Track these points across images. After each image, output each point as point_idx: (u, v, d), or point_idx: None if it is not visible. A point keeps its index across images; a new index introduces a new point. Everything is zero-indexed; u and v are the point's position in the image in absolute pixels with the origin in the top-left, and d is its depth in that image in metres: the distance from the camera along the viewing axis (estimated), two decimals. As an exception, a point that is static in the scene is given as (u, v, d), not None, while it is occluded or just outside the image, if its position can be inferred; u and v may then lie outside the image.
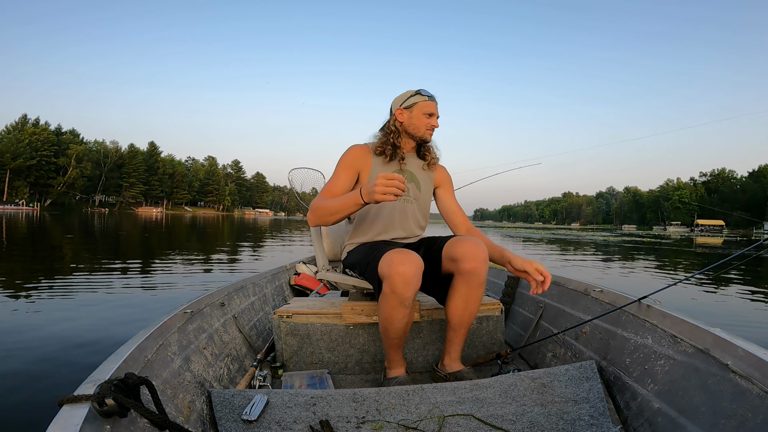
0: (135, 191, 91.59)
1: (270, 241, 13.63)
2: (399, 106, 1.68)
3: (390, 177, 1.26)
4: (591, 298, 1.67)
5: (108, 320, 3.21)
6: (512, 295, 2.30)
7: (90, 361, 2.29)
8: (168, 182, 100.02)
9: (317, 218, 1.52)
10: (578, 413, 1.15)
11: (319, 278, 1.84)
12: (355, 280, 1.69)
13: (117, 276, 5.26)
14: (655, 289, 1.40)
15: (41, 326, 2.96)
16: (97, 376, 0.84)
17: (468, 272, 1.44)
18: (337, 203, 1.44)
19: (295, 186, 3.10)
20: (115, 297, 4.11)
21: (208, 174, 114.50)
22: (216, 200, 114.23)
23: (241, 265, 7.26)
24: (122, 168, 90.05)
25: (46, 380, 2.05)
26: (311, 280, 2.97)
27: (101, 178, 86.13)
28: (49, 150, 73.81)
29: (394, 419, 1.13)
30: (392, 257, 1.34)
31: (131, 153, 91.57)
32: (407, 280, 1.32)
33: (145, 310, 3.61)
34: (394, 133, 1.68)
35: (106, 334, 2.83)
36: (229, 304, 1.82)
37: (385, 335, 1.48)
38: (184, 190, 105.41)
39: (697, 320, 1.14)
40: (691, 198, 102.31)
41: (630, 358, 1.29)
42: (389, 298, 1.36)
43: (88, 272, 5.48)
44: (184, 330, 1.35)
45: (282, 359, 1.72)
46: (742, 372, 0.91)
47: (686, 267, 9.24)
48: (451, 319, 1.53)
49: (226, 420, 1.10)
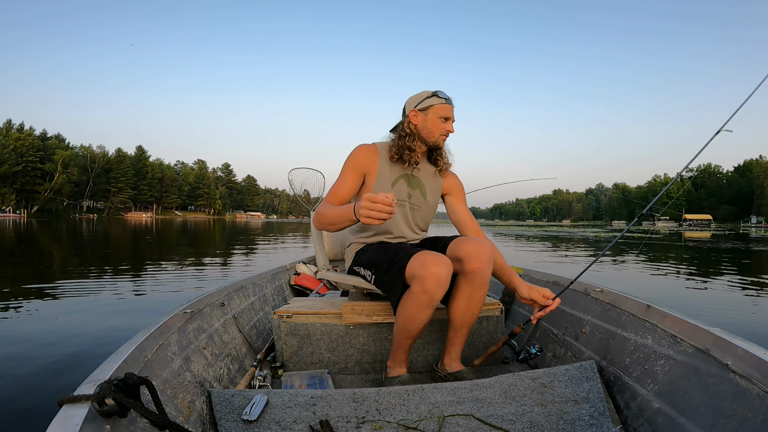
0: (123, 196, 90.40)
1: (263, 245, 13.56)
2: (414, 107, 1.58)
3: (374, 200, 1.18)
4: (591, 297, 1.67)
5: (107, 320, 3.22)
6: (512, 295, 2.30)
7: (90, 361, 2.29)
8: (157, 187, 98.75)
9: (320, 225, 1.51)
10: (578, 413, 1.15)
11: (320, 278, 1.82)
12: (356, 279, 1.68)
13: (111, 279, 5.19)
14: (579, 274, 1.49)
15: (41, 326, 2.96)
16: (96, 376, 0.83)
17: (472, 272, 1.43)
18: (334, 214, 1.41)
19: (295, 186, 3.10)
20: (116, 297, 4.11)
21: (198, 178, 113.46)
22: (207, 204, 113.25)
23: (237, 268, 7.21)
24: (110, 173, 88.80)
25: (46, 380, 2.05)
26: (311, 280, 2.97)
27: (89, 183, 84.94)
28: (34, 155, 72.62)
29: (394, 419, 1.14)
30: (426, 258, 1.34)
31: (119, 157, 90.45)
32: (441, 282, 1.33)
33: (144, 311, 3.62)
34: (410, 136, 1.59)
35: (106, 334, 2.85)
36: (229, 304, 1.82)
37: (401, 335, 1.47)
38: (174, 195, 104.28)
39: (697, 320, 1.14)
40: (679, 193, 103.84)
41: (630, 358, 1.28)
42: (419, 298, 1.35)
43: (84, 276, 5.42)
44: (184, 330, 1.34)
45: (282, 359, 1.72)
46: (742, 372, 0.91)
47: (678, 262, 9.35)
48: (453, 318, 1.52)
49: (226, 420, 1.10)
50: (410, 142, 1.58)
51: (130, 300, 4.10)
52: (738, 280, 6.15)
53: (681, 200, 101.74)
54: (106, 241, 13.63)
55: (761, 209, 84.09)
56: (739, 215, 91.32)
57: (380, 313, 1.73)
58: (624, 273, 7.05)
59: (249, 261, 8.48)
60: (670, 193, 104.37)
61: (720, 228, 53.99)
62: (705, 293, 5.09)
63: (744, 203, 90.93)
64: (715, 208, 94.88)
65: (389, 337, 1.74)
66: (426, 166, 1.70)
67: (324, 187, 3.77)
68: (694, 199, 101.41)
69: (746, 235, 25.80)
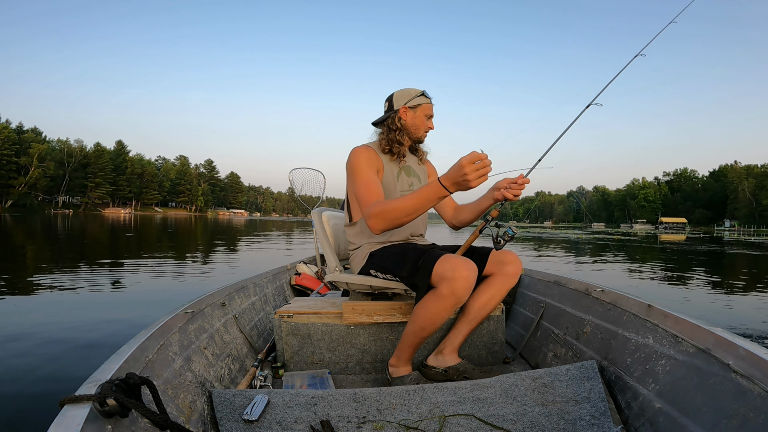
0: (101, 192, 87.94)
1: (249, 244, 13.39)
2: (404, 104, 1.67)
3: (473, 159, 1.21)
4: (592, 297, 1.66)
5: (106, 320, 3.22)
6: (513, 295, 2.30)
7: (91, 361, 2.30)
8: (137, 182, 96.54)
9: (389, 221, 1.42)
10: (579, 413, 1.15)
11: (330, 280, 1.77)
12: (373, 280, 1.66)
13: (88, 276, 5.07)
14: None
15: (41, 326, 2.95)
16: (98, 376, 0.83)
17: (510, 275, 1.59)
18: (413, 201, 1.36)
19: (295, 186, 3.07)
20: (114, 297, 4.08)
21: (180, 174, 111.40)
22: (188, 201, 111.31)
23: (219, 270, 7.11)
24: (87, 168, 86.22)
25: (47, 380, 2.06)
26: (312, 280, 2.96)
27: (65, 178, 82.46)
28: (9, 149, 70.05)
29: (394, 419, 1.13)
30: (455, 262, 1.39)
31: (97, 152, 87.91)
32: (470, 284, 1.39)
33: (143, 312, 3.61)
34: (399, 130, 1.68)
35: (105, 334, 2.85)
36: (229, 304, 1.81)
37: (417, 334, 1.49)
38: (154, 191, 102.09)
39: (698, 320, 1.14)
40: (656, 197, 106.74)
41: (631, 358, 1.28)
42: (446, 299, 1.38)
43: (80, 273, 5.32)
44: (185, 330, 1.33)
45: (283, 359, 1.71)
46: (743, 372, 0.90)
47: (654, 264, 9.60)
48: (470, 310, 1.61)
49: (227, 420, 1.09)
50: (399, 136, 1.68)
51: (133, 298, 4.06)
52: (713, 279, 6.34)
53: (658, 203, 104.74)
54: (82, 238, 13.27)
55: (734, 213, 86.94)
56: (713, 219, 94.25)
57: (381, 313, 1.72)
58: (607, 273, 7.20)
59: (233, 261, 8.38)
60: (647, 197, 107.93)
61: (695, 231, 55.71)
62: (682, 292, 5.25)
63: (718, 207, 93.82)
64: (690, 212, 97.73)
65: (390, 337, 1.74)
66: (409, 156, 1.81)
67: (324, 187, 3.75)
68: (670, 203, 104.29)
69: (720, 238, 26.69)
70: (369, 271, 1.67)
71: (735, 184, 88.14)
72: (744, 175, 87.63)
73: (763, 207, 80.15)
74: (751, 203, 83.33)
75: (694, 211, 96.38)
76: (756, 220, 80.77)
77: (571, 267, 8.14)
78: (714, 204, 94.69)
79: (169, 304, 2.19)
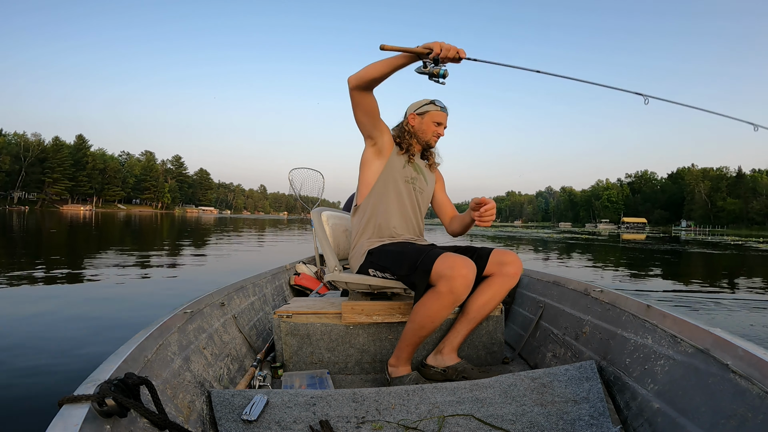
0: (59, 187, 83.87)
1: (220, 244, 13.07)
2: (413, 111, 1.82)
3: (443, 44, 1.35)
4: (591, 298, 1.66)
5: (105, 320, 3.17)
6: (512, 295, 2.31)
7: (90, 361, 2.28)
8: (98, 178, 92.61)
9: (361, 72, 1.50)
10: (578, 413, 1.15)
11: (331, 280, 1.75)
12: (372, 279, 1.66)
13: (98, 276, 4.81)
14: None
15: (41, 326, 2.94)
16: (97, 376, 0.82)
17: (510, 276, 1.61)
18: (383, 62, 1.44)
19: (295, 185, 3.02)
20: (114, 297, 3.98)
21: (145, 169, 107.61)
22: (154, 197, 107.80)
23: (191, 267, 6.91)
24: (45, 162, 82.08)
25: (46, 380, 2.06)
26: (311, 280, 2.94)
27: (21, 173, 78.23)
28: (-42, 141, 66.02)
29: (394, 419, 1.13)
30: (454, 260, 1.41)
31: (56, 146, 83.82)
32: (468, 283, 1.41)
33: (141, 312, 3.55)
34: (408, 133, 1.81)
35: (105, 334, 2.83)
36: (229, 304, 1.79)
37: (415, 333, 1.50)
38: (117, 187, 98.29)
39: (697, 320, 1.14)
40: (618, 197, 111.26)
41: (630, 358, 1.28)
42: (444, 297, 1.41)
43: (79, 270, 5.05)
44: (184, 330, 1.31)
45: (282, 359, 1.70)
46: (742, 372, 0.90)
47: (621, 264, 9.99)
48: (470, 310, 1.62)
49: (226, 420, 1.08)
50: (408, 138, 1.81)
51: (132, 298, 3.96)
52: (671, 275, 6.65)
53: (620, 204, 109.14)
54: (39, 236, 12.62)
55: (691, 214, 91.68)
56: (671, 219, 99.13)
57: (380, 313, 1.72)
58: (600, 273, 7.44)
59: (198, 264, 8.16)
60: (610, 197, 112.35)
61: (654, 231, 58.36)
62: (649, 283, 5.49)
63: (675, 208, 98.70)
64: (649, 212, 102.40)
65: (389, 337, 1.74)
66: (419, 161, 1.89)
67: (323, 187, 3.73)
68: (631, 203, 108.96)
69: (677, 238, 28.07)
70: (368, 270, 1.67)
71: (691, 186, 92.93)
72: (700, 178, 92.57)
73: (718, 208, 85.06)
74: (707, 204, 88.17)
75: (653, 212, 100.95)
76: (711, 220, 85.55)
77: (565, 266, 8.35)
78: (672, 205, 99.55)
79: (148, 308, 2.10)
